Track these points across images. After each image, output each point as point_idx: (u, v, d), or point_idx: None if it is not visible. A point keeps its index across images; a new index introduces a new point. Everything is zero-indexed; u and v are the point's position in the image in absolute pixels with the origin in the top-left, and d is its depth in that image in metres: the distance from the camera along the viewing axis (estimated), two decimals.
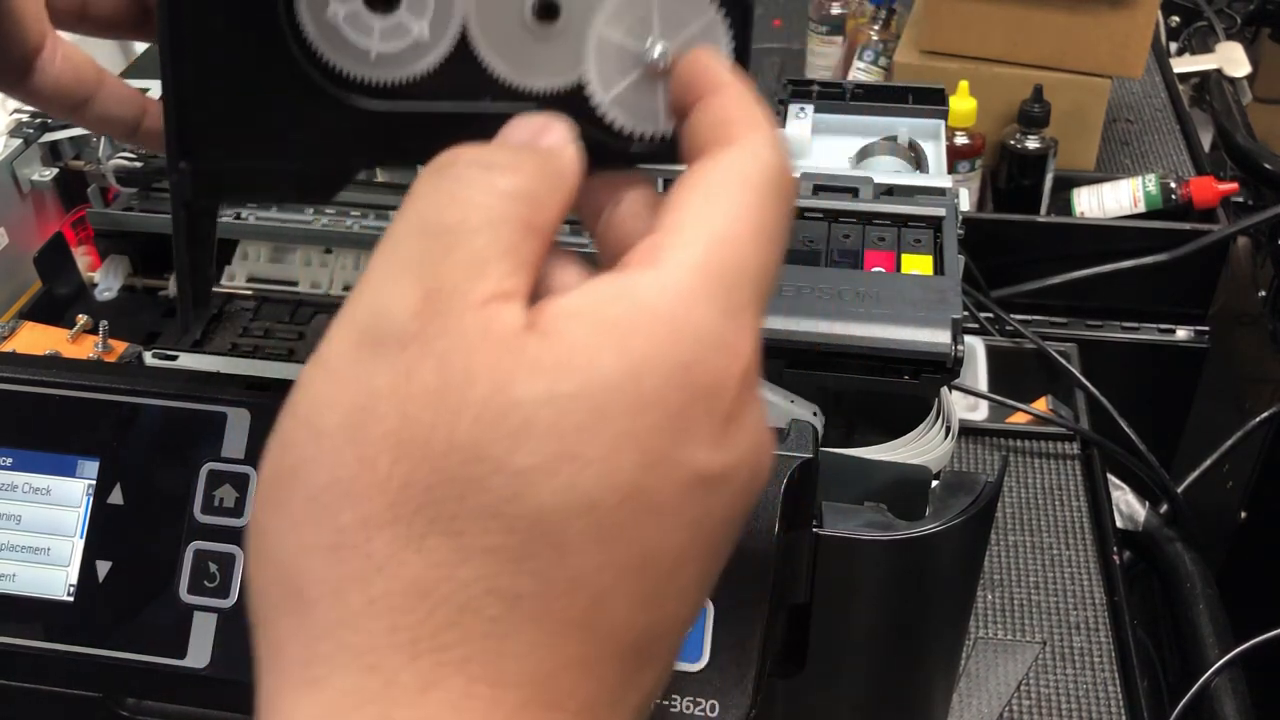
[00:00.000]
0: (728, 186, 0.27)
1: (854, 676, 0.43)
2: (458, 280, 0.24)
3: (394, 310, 0.24)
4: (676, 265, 0.25)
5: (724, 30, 0.32)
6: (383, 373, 0.23)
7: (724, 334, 0.24)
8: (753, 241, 0.26)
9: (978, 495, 0.41)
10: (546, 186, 0.26)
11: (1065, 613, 0.72)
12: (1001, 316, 0.90)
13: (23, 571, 0.41)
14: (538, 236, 0.26)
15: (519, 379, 0.23)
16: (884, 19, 1.15)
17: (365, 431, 0.23)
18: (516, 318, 0.24)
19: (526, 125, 0.29)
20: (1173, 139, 1.15)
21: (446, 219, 0.25)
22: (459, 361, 0.23)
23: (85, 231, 0.68)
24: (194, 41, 0.31)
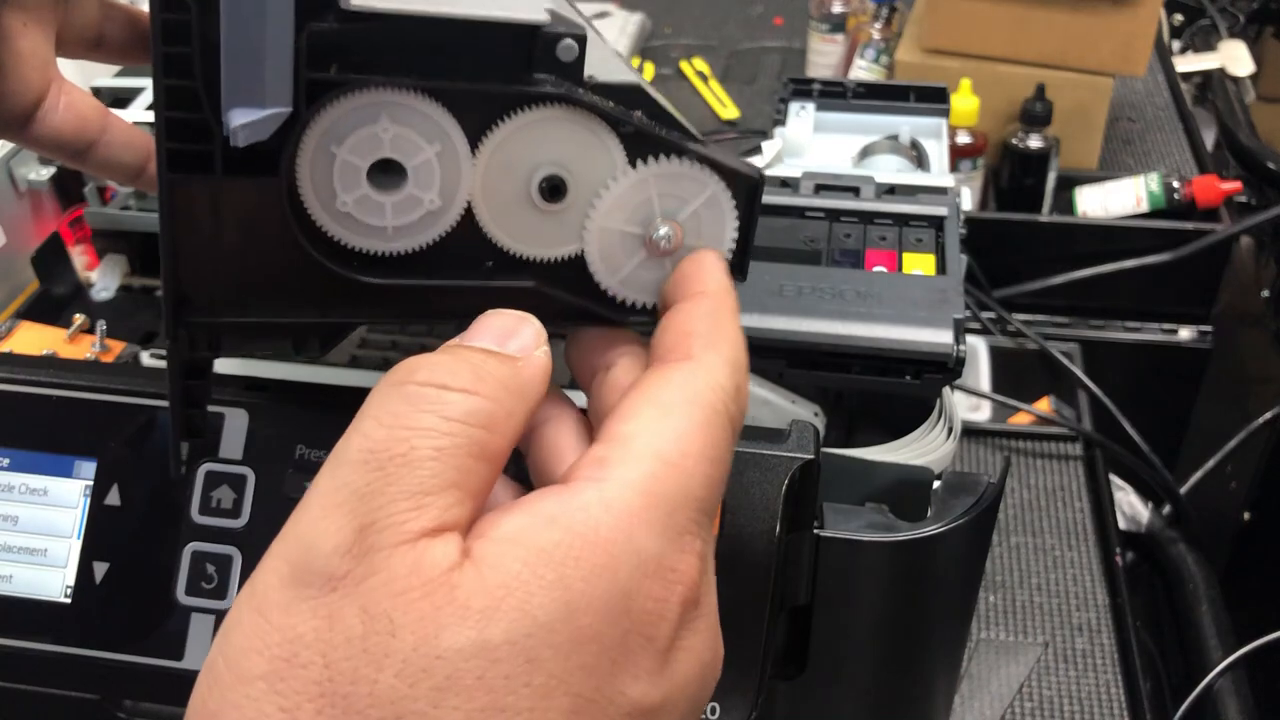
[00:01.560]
0: (680, 405, 0.26)
1: (856, 678, 0.43)
2: (393, 514, 0.23)
3: (323, 547, 0.23)
4: (621, 485, 0.24)
5: (728, 199, 0.32)
6: (308, 617, 0.22)
7: (664, 559, 0.24)
8: (699, 463, 0.26)
9: (980, 496, 0.41)
10: (506, 407, 0.26)
11: (1068, 614, 0.71)
12: (1004, 316, 0.89)
13: (20, 573, 0.41)
14: (490, 462, 0.25)
15: (445, 626, 0.22)
16: (885, 17, 1.14)
17: (288, 682, 0.22)
18: (449, 554, 0.23)
19: (493, 325, 0.28)
20: (1175, 138, 1.15)
21: (393, 446, 0.24)
22: (384, 606, 0.22)
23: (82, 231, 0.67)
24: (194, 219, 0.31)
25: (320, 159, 0.30)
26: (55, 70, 0.38)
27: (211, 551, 0.40)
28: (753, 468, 0.37)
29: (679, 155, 0.31)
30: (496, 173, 0.31)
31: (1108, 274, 0.96)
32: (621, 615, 0.23)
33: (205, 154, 0.30)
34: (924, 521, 0.40)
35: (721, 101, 1.17)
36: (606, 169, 0.31)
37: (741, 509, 0.37)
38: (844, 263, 0.48)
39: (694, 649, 0.25)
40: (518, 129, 0.31)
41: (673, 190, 0.32)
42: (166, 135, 0.30)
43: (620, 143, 0.31)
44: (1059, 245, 0.97)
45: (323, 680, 0.22)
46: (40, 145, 0.39)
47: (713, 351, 0.28)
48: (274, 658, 0.22)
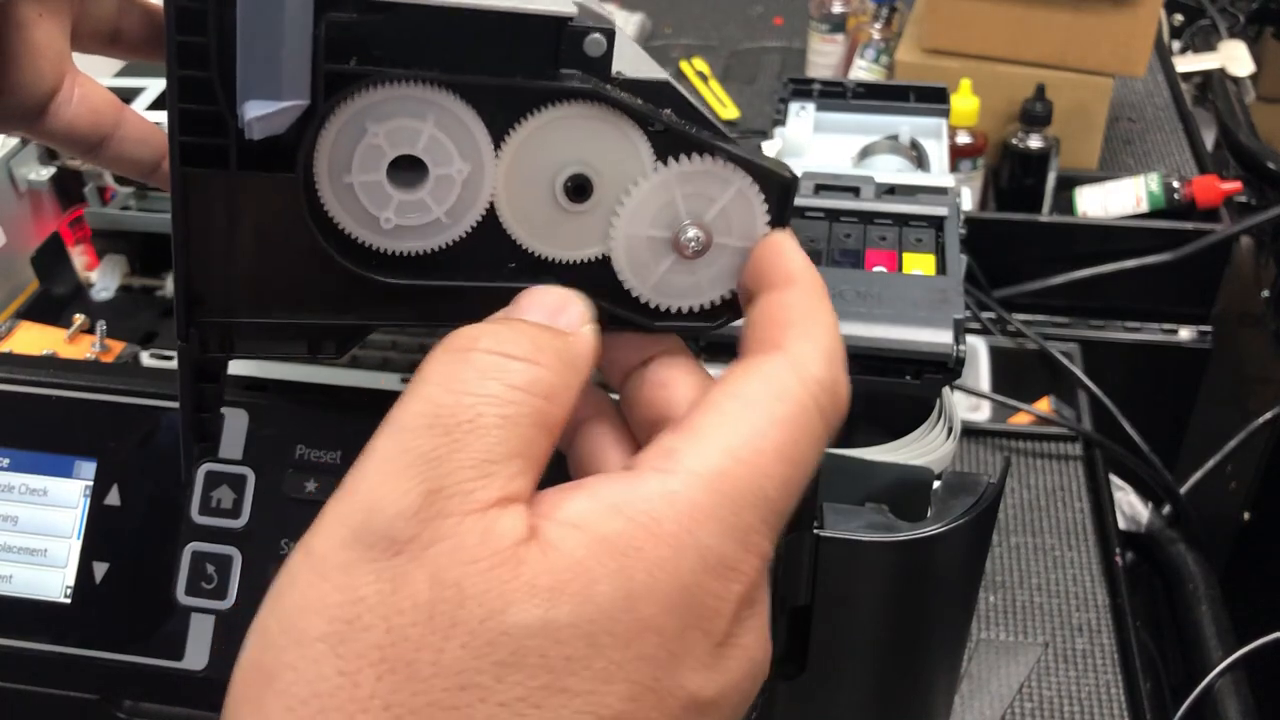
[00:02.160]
0: (762, 399, 0.26)
1: (856, 678, 0.43)
2: (462, 481, 0.23)
3: (390, 510, 0.23)
4: (688, 476, 0.24)
5: (755, 193, 0.31)
6: (371, 579, 0.22)
7: (728, 556, 0.24)
8: (775, 462, 0.25)
9: (980, 496, 0.41)
10: (564, 379, 0.25)
11: (1068, 614, 0.71)
12: (1004, 316, 0.89)
13: (20, 573, 0.41)
14: (550, 433, 0.25)
15: (513, 602, 0.22)
16: (885, 17, 1.14)
17: (350, 645, 0.22)
18: (517, 526, 0.23)
19: (543, 300, 0.28)
20: (1175, 138, 1.15)
21: (459, 412, 0.24)
22: (453, 574, 0.22)
23: (82, 231, 0.67)
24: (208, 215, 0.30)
25: (349, 132, 0.29)
26: (70, 63, 0.38)
27: (211, 552, 0.40)
28: None
29: (710, 154, 0.30)
30: (520, 171, 0.30)
31: (1108, 274, 0.96)
32: (682, 609, 0.23)
33: (220, 148, 0.29)
34: (924, 522, 0.40)
35: (721, 101, 1.17)
36: (634, 168, 0.31)
37: None
38: (844, 263, 0.48)
39: (748, 646, 0.25)
40: (542, 126, 0.30)
41: (698, 190, 0.31)
42: (180, 129, 0.29)
43: (648, 141, 0.30)
44: (1059, 245, 0.97)
45: (385, 645, 0.21)
46: (54, 138, 0.38)
47: (807, 341, 0.27)
48: (334, 619, 0.22)
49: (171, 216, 0.30)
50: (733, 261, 0.32)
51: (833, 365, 0.27)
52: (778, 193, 0.31)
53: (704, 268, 0.31)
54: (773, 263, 0.29)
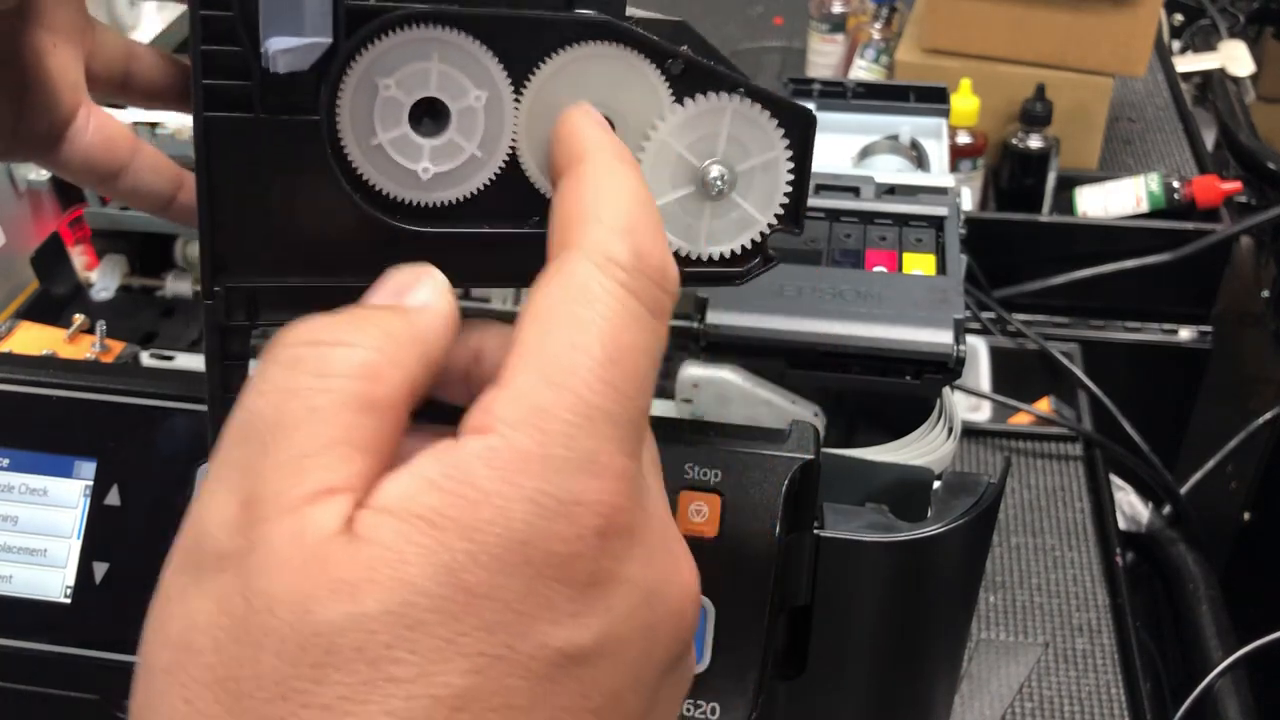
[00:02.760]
0: (562, 308, 0.23)
1: (856, 679, 0.43)
2: (272, 483, 0.22)
3: (211, 526, 0.22)
4: (506, 428, 0.22)
5: (784, 169, 0.31)
6: (201, 601, 0.22)
7: (568, 493, 0.22)
8: (600, 370, 0.23)
9: (980, 496, 0.41)
10: (391, 355, 0.24)
11: (1068, 614, 0.71)
12: (1004, 316, 0.89)
13: (19, 573, 0.41)
14: (378, 414, 0.23)
15: (319, 601, 0.21)
16: (885, 17, 1.14)
17: (187, 671, 0.21)
18: (329, 521, 0.21)
19: (391, 282, 0.26)
20: (1175, 138, 1.15)
21: (267, 414, 0.23)
22: (263, 582, 0.21)
23: (82, 231, 0.67)
24: (232, 164, 0.30)
25: (362, 94, 0.29)
26: (85, 94, 0.38)
27: None
28: (753, 468, 0.37)
29: (730, 90, 0.30)
30: (541, 117, 0.30)
31: (1108, 274, 0.96)
32: (521, 564, 0.21)
33: (243, 91, 0.29)
34: (924, 522, 0.40)
35: None
36: (653, 108, 0.30)
37: (741, 509, 0.37)
38: (844, 263, 0.48)
39: (630, 578, 0.23)
40: (561, 68, 0.30)
41: (742, 136, 0.31)
42: (203, 71, 0.29)
43: (666, 80, 0.30)
44: (1059, 245, 0.97)
45: (216, 665, 0.21)
46: (70, 168, 0.38)
47: (594, 224, 0.24)
48: (175, 648, 0.22)
49: (195, 171, 0.30)
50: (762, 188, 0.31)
51: (633, 236, 0.24)
52: (800, 128, 0.31)
53: (708, 218, 0.31)
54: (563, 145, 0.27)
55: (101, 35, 0.39)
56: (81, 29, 0.38)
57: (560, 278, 0.24)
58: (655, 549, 0.24)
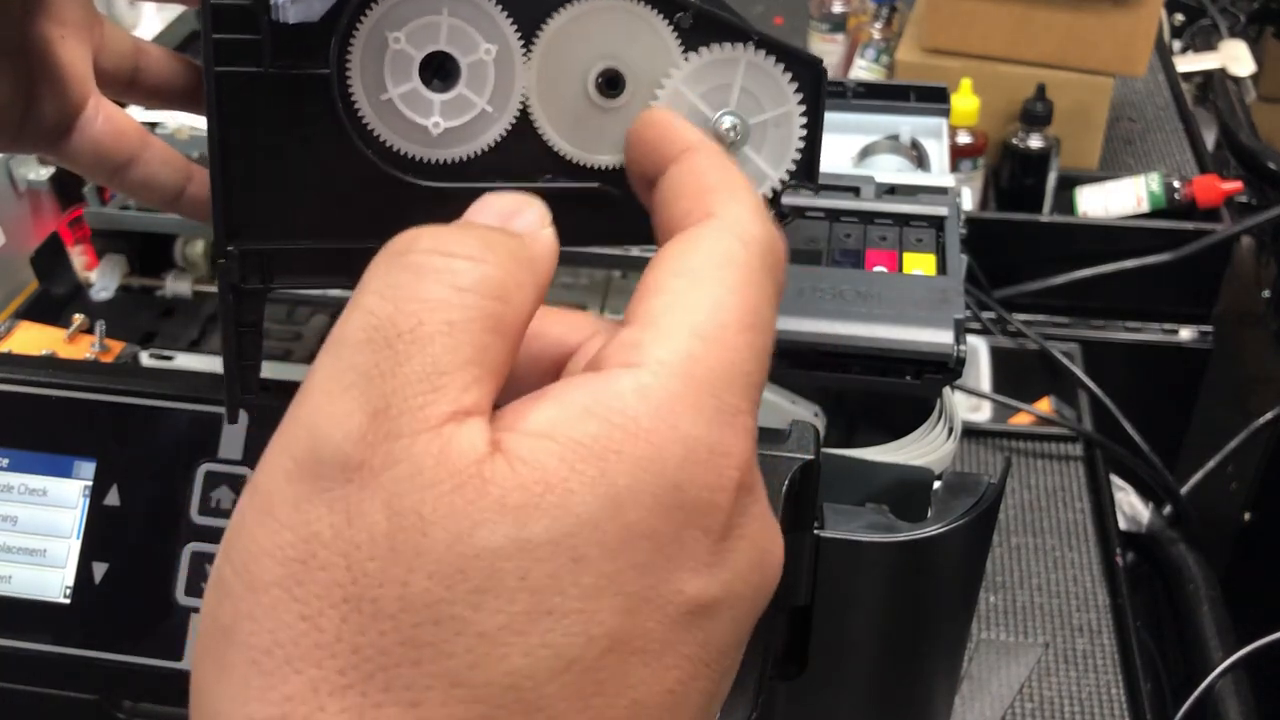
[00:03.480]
0: (710, 270, 0.24)
1: (856, 679, 0.43)
2: (409, 397, 0.21)
3: (335, 435, 0.21)
4: (658, 368, 0.22)
5: (798, 125, 0.31)
6: (323, 513, 0.20)
7: (716, 443, 0.22)
8: (743, 333, 0.23)
9: (980, 497, 0.41)
10: (517, 279, 0.23)
11: (1068, 614, 0.71)
12: (1004, 316, 0.89)
13: (19, 573, 0.41)
14: (505, 338, 0.23)
15: (481, 524, 0.20)
16: (886, 17, 1.14)
17: (307, 586, 0.20)
18: (477, 441, 0.21)
19: (496, 205, 0.26)
20: (1176, 138, 1.15)
21: (400, 322, 0.22)
22: (410, 500, 0.20)
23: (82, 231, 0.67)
24: (245, 122, 0.30)
25: (372, 48, 0.29)
26: (94, 87, 0.38)
27: (211, 552, 0.39)
28: None
29: (742, 41, 0.30)
30: (552, 72, 0.30)
31: (1108, 274, 0.96)
32: (674, 509, 0.21)
33: (253, 45, 0.29)
34: (924, 522, 0.40)
35: None
36: (663, 61, 0.30)
37: None
38: (844, 263, 0.48)
39: (751, 536, 0.23)
40: (571, 21, 0.30)
41: (756, 88, 0.31)
42: (214, 25, 0.29)
43: (675, 32, 0.30)
44: (1059, 245, 0.97)
45: (346, 583, 0.20)
46: (79, 160, 0.38)
47: (735, 203, 0.25)
48: (288, 559, 0.20)
49: (207, 131, 0.30)
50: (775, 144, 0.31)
51: (766, 222, 0.25)
52: (810, 77, 0.31)
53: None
54: (667, 135, 0.27)
55: (110, 31, 0.39)
56: (90, 23, 0.38)
57: (707, 241, 0.24)
58: (767, 511, 0.24)
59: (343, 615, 0.20)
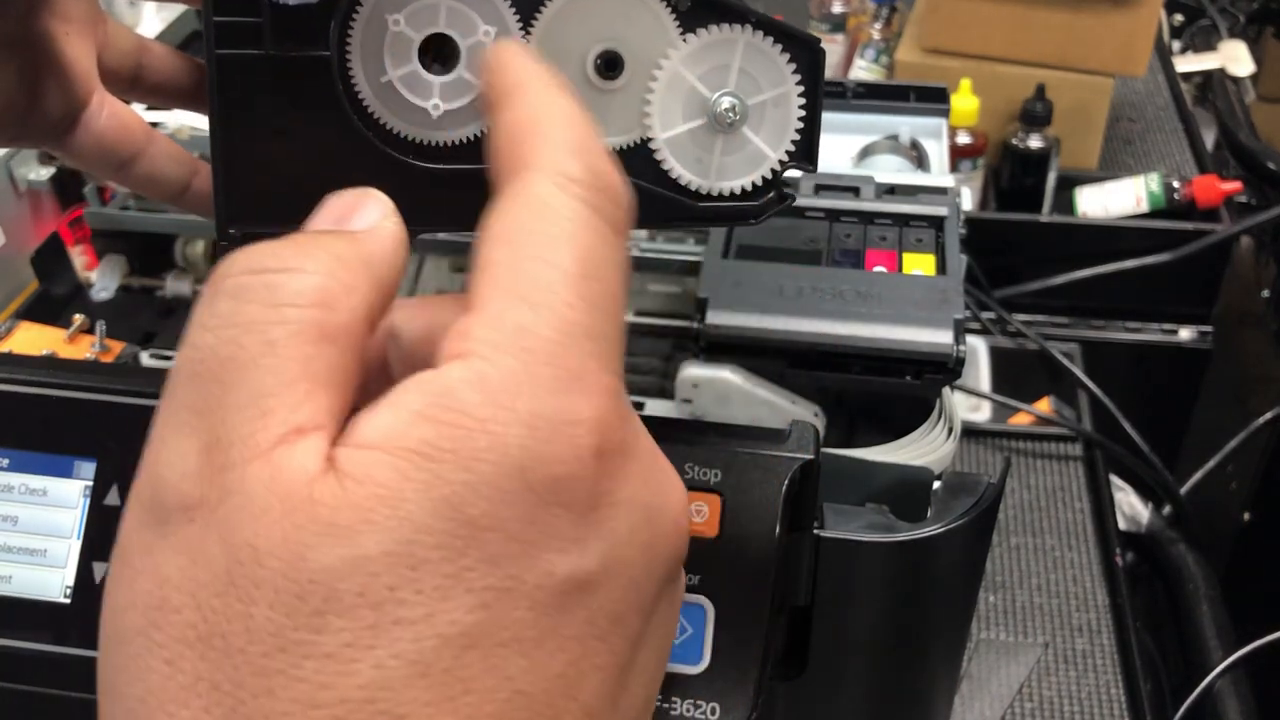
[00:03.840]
0: (526, 229, 0.23)
1: (856, 679, 0.43)
2: (237, 426, 0.20)
3: (172, 477, 0.21)
4: (489, 349, 0.21)
5: (796, 106, 0.31)
6: (170, 556, 0.20)
7: (559, 413, 0.21)
8: (575, 288, 0.22)
9: (980, 497, 0.41)
10: (344, 281, 0.22)
11: (1068, 614, 0.71)
12: (1004, 316, 0.89)
13: (19, 573, 0.41)
14: (338, 343, 0.22)
15: (313, 546, 0.20)
16: (885, 17, 1.14)
17: (165, 630, 0.20)
18: (308, 462, 0.20)
19: (331, 206, 0.25)
20: (1176, 138, 1.15)
21: (220, 350, 0.21)
22: (244, 532, 0.20)
23: (82, 231, 0.67)
24: (246, 105, 0.30)
25: (372, 30, 0.29)
26: (98, 83, 0.38)
27: None
28: (753, 468, 0.37)
29: (740, 22, 0.30)
30: (550, 54, 0.31)
31: (1108, 274, 0.96)
32: (522, 493, 0.20)
33: (254, 28, 0.29)
34: (924, 522, 0.40)
35: None
36: (661, 42, 0.31)
37: (742, 509, 0.37)
38: (844, 263, 0.48)
39: (628, 498, 0.22)
40: (569, 3, 0.30)
41: (754, 68, 0.31)
42: (215, 7, 0.29)
43: (673, 14, 0.30)
44: (1059, 245, 0.97)
45: (197, 622, 0.20)
46: (83, 155, 0.38)
47: (547, 145, 0.24)
48: (147, 607, 0.20)
49: (209, 114, 0.30)
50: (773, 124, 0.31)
51: (586, 155, 0.24)
52: (808, 57, 0.31)
53: (720, 149, 0.31)
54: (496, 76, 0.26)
55: (114, 29, 0.39)
56: (93, 19, 0.38)
57: (522, 197, 0.23)
58: (648, 466, 0.23)
59: (199, 654, 0.20)
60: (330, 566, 0.20)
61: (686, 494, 0.24)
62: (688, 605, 0.37)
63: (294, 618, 0.19)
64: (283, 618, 0.19)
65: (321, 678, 0.19)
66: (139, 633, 0.21)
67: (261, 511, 0.20)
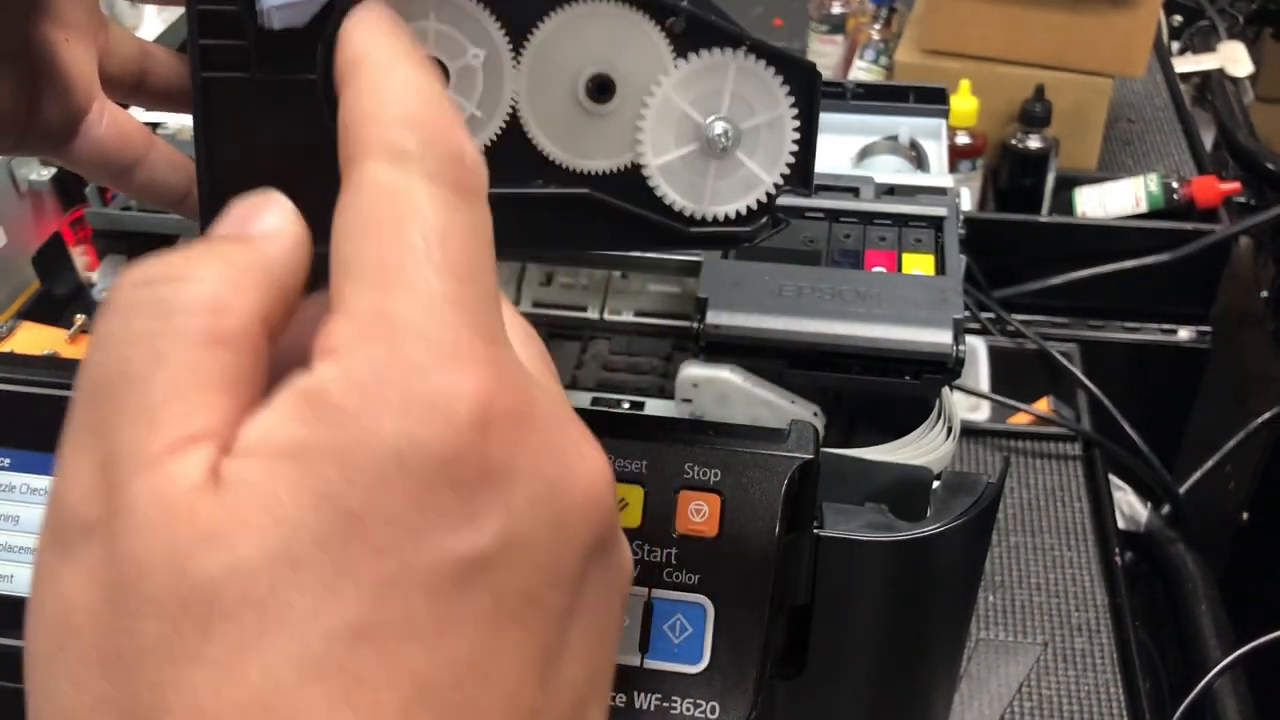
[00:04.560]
0: (372, 215, 0.22)
1: (855, 678, 0.43)
2: (127, 441, 0.20)
3: (71, 496, 0.21)
4: (353, 341, 0.21)
5: (790, 128, 0.31)
6: (72, 577, 0.20)
7: (434, 390, 0.20)
8: (429, 258, 0.22)
9: (979, 496, 0.41)
10: (236, 284, 0.22)
11: (1067, 614, 0.72)
12: (1003, 317, 0.89)
13: (20, 572, 0.41)
14: (231, 348, 0.21)
15: (193, 555, 0.19)
16: (885, 18, 1.15)
17: (70, 651, 0.20)
18: (192, 471, 0.20)
19: (234, 213, 0.24)
20: (1175, 138, 1.15)
21: (111, 366, 0.21)
22: (131, 547, 0.20)
23: (83, 231, 0.67)
24: (231, 127, 0.30)
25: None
26: (99, 90, 0.38)
27: None
28: (752, 467, 0.37)
29: (734, 47, 0.30)
30: (541, 77, 0.30)
31: (1107, 274, 0.96)
32: (400, 477, 0.20)
33: (241, 51, 0.29)
34: (923, 521, 0.40)
35: None
36: (655, 66, 0.30)
37: (742, 509, 0.37)
38: (843, 263, 0.48)
39: (529, 469, 0.21)
40: (560, 27, 0.30)
41: (746, 93, 0.31)
42: (200, 30, 0.29)
43: (667, 38, 0.30)
44: (1058, 246, 0.97)
45: (97, 641, 0.20)
46: (83, 162, 0.38)
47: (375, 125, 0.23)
48: (53, 631, 0.20)
49: (194, 136, 0.30)
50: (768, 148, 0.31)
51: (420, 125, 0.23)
52: (802, 81, 0.31)
53: (714, 175, 0.31)
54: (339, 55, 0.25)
55: (116, 34, 0.39)
56: (95, 26, 0.38)
57: (359, 185, 0.23)
58: (551, 433, 0.22)
59: (99, 674, 0.20)
60: (211, 574, 0.19)
61: (606, 462, 0.23)
62: (688, 604, 0.37)
63: (179, 628, 0.19)
64: (169, 629, 0.19)
65: (211, 686, 0.19)
66: (48, 658, 0.21)
67: (146, 525, 0.20)
